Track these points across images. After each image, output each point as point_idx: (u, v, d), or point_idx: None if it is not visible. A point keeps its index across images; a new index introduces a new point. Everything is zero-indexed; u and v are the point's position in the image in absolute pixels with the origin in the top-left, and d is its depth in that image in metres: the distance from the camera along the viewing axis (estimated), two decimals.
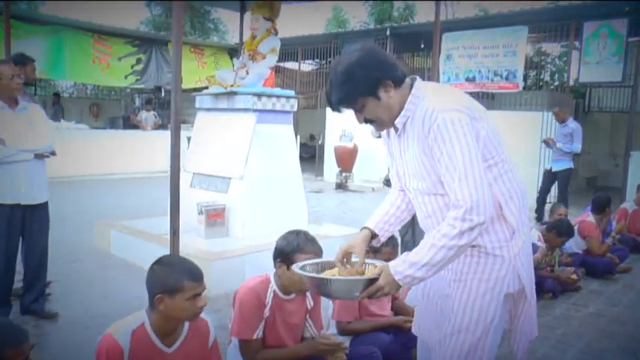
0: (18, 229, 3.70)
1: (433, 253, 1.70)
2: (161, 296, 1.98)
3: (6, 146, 3.54)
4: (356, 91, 1.77)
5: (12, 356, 1.71)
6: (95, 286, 4.66)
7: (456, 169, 1.68)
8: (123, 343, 1.93)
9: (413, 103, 1.80)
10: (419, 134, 1.78)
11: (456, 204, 1.69)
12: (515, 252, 1.82)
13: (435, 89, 1.85)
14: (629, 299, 4.82)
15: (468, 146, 1.68)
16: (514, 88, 10.15)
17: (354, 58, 1.78)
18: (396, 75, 1.79)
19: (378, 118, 1.84)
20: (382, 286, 1.75)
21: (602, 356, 3.54)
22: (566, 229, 4.75)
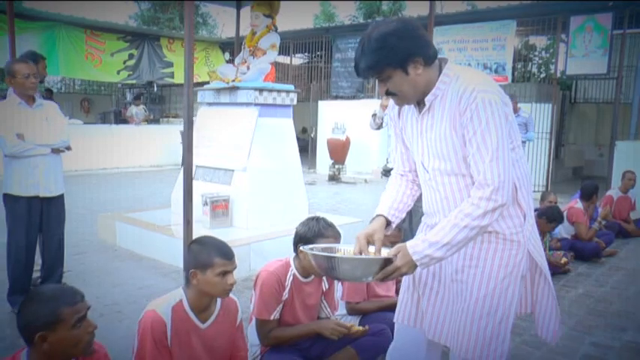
0: (37, 221, 3.86)
1: (455, 233, 1.70)
2: (194, 271, 2.17)
3: (24, 141, 3.69)
4: (386, 60, 1.75)
5: (68, 315, 1.77)
6: (105, 276, 4.82)
7: (488, 149, 1.69)
8: (165, 317, 2.12)
9: (444, 83, 1.80)
10: (452, 112, 1.77)
11: (482, 183, 1.70)
12: (528, 236, 1.86)
13: (469, 71, 1.85)
14: (615, 280, 5.09)
15: (502, 128, 1.70)
16: (503, 81, 10.40)
17: (391, 27, 1.75)
18: (427, 53, 1.77)
19: (401, 92, 1.82)
20: (399, 267, 1.75)
21: (591, 332, 3.79)
22: (556, 216, 4.99)
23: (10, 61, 3.83)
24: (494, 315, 1.83)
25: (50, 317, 1.75)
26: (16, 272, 3.83)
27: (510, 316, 1.86)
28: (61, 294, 1.82)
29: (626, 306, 4.37)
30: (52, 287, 1.93)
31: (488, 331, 1.83)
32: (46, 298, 1.79)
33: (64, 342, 1.77)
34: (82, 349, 1.83)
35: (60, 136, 3.88)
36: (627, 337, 3.72)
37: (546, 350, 3.45)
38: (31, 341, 1.76)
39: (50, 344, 1.75)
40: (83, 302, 1.85)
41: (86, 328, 1.82)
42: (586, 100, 14.10)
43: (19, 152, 3.69)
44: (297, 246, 2.69)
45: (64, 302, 1.78)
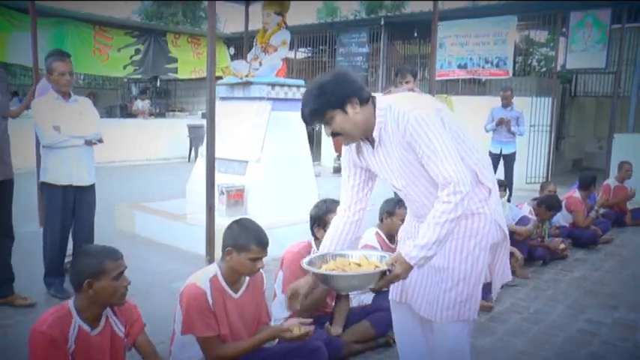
0: (70, 208, 4.12)
1: (439, 231, 1.90)
2: (231, 250, 2.45)
3: (60, 133, 3.96)
4: (327, 103, 1.99)
5: (110, 267, 2.14)
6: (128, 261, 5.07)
7: (436, 154, 1.91)
8: (205, 288, 2.41)
9: (381, 116, 2.04)
10: (396, 136, 2.01)
11: (444, 183, 1.91)
12: (494, 208, 2.11)
13: (397, 98, 2.10)
14: (609, 265, 5.38)
15: (439, 132, 1.92)
16: (504, 75, 10.65)
17: (329, 77, 2.04)
18: (362, 94, 2.02)
19: (344, 131, 2.04)
20: (399, 274, 1.94)
21: (585, 310, 4.08)
22: (555, 204, 5.27)
23: (49, 58, 4.09)
24: (469, 280, 2.09)
25: (97, 267, 2.13)
26: (52, 255, 4.11)
27: (481, 280, 2.13)
28: (107, 251, 2.21)
29: (618, 288, 4.66)
30: (99, 246, 2.29)
31: (464, 295, 2.09)
32: (95, 253, 2.20)
33: (105, 290, 2.14)
34: (118, 298, 2.20)
35: (93, 129, 4.14)
36: (618, 314, 4.01)
37: (544, 325, 3.75)
38: (80, 288, 2.13)
39: (94, 290, 2.12)
40: (122, 260, 2.23)
41: (122, 282, 2.19)
42: (586, 94, 14.33)
43: (55, 143, 3.96)
44: (313, 228, 2.98)
45: (108, 257, 2.17)
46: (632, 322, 3.85)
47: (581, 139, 14.13)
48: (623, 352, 3.37)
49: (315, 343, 2.67)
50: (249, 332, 2.59)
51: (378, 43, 12.58)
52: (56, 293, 4.05)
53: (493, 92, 11.36)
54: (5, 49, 11.27)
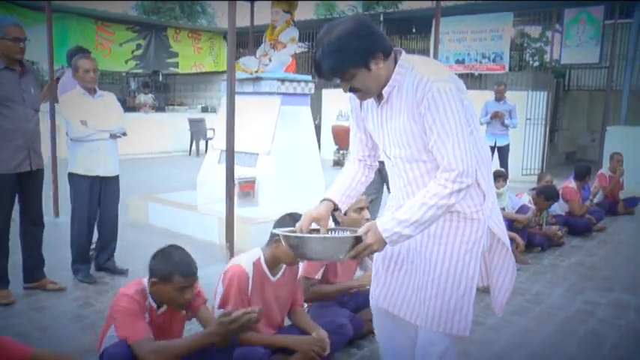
0: (96, 198, 4.34)
1: (423, 212, 1.75)
2: (279, 239, 2.66)
3: (87, 127, 4.18)
4: (348, 61, 1.77)
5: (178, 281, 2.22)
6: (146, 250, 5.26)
7: (449, 135, 1.73)
8: (248, 270, 2.65)
9: (400, 74, 1.83)
10: (409, 102, 1.80)
11: (447, 167, 1.75)
12: (488, 214, 1.94)
13: (423, 61, 1.89)
14: (604, 252, 5.67)
15: (458, 113, 1.74)
16: (501, 70, 10.92)
17: (348, 27, 1.76)
18: (386, 47, 1.81)
19: (365, 88, 1.85)
20: (370, 244, 1.78)
21: (582, 292, 4.35)
22: (553, 194, 5.54)
23: (74, 56, 4.30)
24: (457, 288, 1.92)
25: (165, 275, 2.27)
26: (79, 243, 4.32)
27: (473, 289, 1.95)
28: (183, 264, 2.29)
29: (612, 272, 4.94)
30: (181, 255, 2.34)
31: (452, 304, 1.92)
32: (171, 260, 2.29)
33: (166, 295, 2.30)
34: (175, 306, 2.35)
35: (117, 123, 4.36)
36: (613, 295, 4.29)
37: (545, 306, 4.01)
38: (150, 278, 2.32)
39: (157, 289, 2.31)
40: (193, 277, 2.30)
41: (184, 295, 2.29)
42: (579, 88, 14.64)
43: (82, 137, 4.17)
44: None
45: (179, 271, 2.28)
46: (625, 303, 4.13)
47: (575, 132, 14.43)
48: (618, 329, 3.64)
49: (341, 320, 2.94)
50: (282, 314, 2.86)
51: None
52: (83, 279, 4.27)
53: (489, 87, 11.63)
54: None
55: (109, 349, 2.13)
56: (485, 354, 3.19)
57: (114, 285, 4.27)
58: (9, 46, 3.59)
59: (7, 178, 3.70)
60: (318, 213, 2.00)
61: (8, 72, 3.62)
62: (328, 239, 1.88)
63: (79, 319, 3.59)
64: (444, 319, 1.93)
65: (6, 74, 3.61)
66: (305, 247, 1.84)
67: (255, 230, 5.22)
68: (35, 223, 4.00)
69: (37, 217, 4.00)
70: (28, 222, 3.96)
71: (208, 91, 16.88)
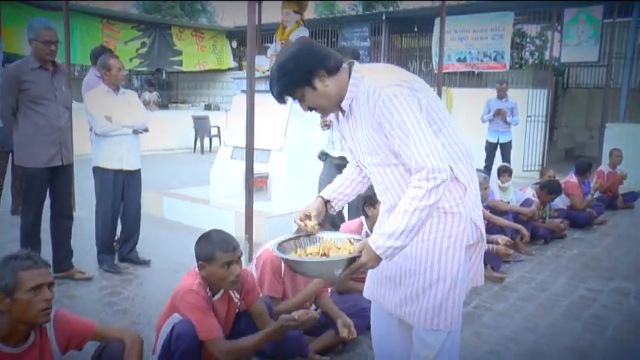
0: (120, 191, 4.52)
1: (407, 219, 1.74)
2: None
3: (111, 122, 4.36)
4: (292, 83, 1.86)
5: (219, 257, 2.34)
6: (165, 241, 5.51)
7: (408, 136, 1.75)
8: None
9: (354, 85, 1.88)
10: (365, 112, 1.85)
11: (417, 168, 1.75)
12: (470, 206, 1.93)
13: (372, 69, 1.94)
14: (604, 244, 5.88)
15: (413, 114, 1.76)
16: (502, 68, 11.12)
17: (288, 53, 1.88)
18: (328, 64, 1.86)
19: (318, 106, 1.93)
20: (365, 263, 1.80)
21: (585, 281, 4.56)
22: (556, 188, 5.76)
23: (105, 55, 4.49)
24: (442, 283, 1.92)
25: (208, 255, 2.40)
26: (103, 234, 4.51)
27: (458, 283, 1.93)
28: (221, 240, 2.41)
29: (613, 263, 5.15)
30: (219, 233, 2.46)
31: (438, 299, 1.92)
32: (210, 240, 2.43)
33: (215, 275, 2.41)
34: (227, 285, 2.44)
35: (139, 119, 4.54)
36: (614, 284, 4.50)
37: (550, 293, 4.23)
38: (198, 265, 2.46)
39: (206, 272, 2.42)
40: (234, 251, 2.40)
41: (233, 270, 2.40)
42: (578, 86, 14.85)
43: (107, 132, 4.36)
44: (364, 207, 3.40)
45: (220, 247, 2.40)
46: (626, 290, 4.34)
47: (574, 129, 14.65)
48: (620, 313, 3.86)
49: (363, 304, 3.12)
50: None
51: (379, 37, 13.00)
52: (109, 268, 4.47)
53: (489, 84, 11.84)
54: (19, 42, 11.55)
55: (178, 327, 2.28)
56: (496, 336, 3.39)
57: (138, 275, 4.47)
58: (41, 48, 3.78)
59: (40, 172, 3.90)
60: (307, 208, 2.13)
61: (42, 71, 3.81)
62: (324, 262, 1.90)
63: (110, 306, 3.78)
64: (431, 315, 1.93)
65: (40, 73, 3.80)
66: (302, 268, 1.93)
67: (270, 223, 5.43)
68: (65, 215, 4.19)
69: (66, 210, 4.20)
70: (58, 214, 4.15)
71: (211, 89, 17.06)
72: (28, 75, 3.75)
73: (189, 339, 2.27)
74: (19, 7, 11.61)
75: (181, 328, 2.29)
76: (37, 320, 1.93)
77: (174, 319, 2.39)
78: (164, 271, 4.56)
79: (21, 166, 3.92)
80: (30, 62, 3.81)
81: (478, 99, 9.66)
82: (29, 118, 3.80)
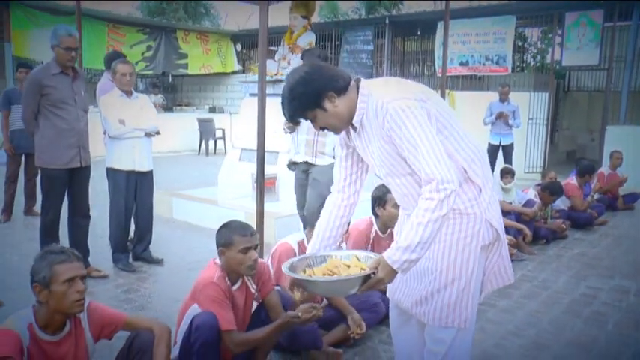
0: (132, 192, 4.66)
1: (422, 231, 1.79)
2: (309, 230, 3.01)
3: (124, 125, 4.51)
4: (301, 106, 1.93)
5: (237, 241, 2.49)
6: (176, 241, 5.65)
7: (417, 149, 1.80)
8: (294, 246, 2.99)
9: (363, 102, 1.94)
10: (376, 126, 1.91)
11: (427, 179, 1.81)
12: (485, 207, 1.97)
13: (378, 84, 1.99)
14: (605, 244, 6.02)
15: (421, 126, 1.81)
16: (504, 71, 11.27)
17: (297, 77, 1.93)
18: (336, 85, 1.92)
19: (329, 125, 1.98)
20: (382, 278, 1.85)
21: (586, 279, 4.69)
22: (557, 190, 5.90)
23: (116, 60, 4.64)
24: (457, 282, 1.99)
25: (226, 240, 2.55)
26: (117, 234, 4.66)
27: (472, 282, 2.00)
28: (238, 226, 2.60)
29: (613, 262, 5.28)
30: (237, 222, 2.66)
31: (452, 298, 1.99)
32: (229, 227, 2.61)
33: (233, 260, 2.55)
34: (245, 269, 2.57)
35: (151, 122, 4.70)
36: (614, 282, 4.64)
37: (552, 291, 4.36)
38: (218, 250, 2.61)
39: (225, 258, 2.57)
40: (252, 237, 2.55)
41: (250, 255, 2.54)
42: (578, 89, 14.99)
43: (120, 134, 4.51)
44: (374, 208, 3.53)
45: (237, 232, 2.56)
46: (626, 288, 4.47)
47: (574, 132, 14.77)
48: (620, 310, 3.99)
49: (375, 299, 3.27)
50: None
51: (383, 40, 13.15)
52: (124, 267, 4.61)
53: (491, 87, 11.99)
54: (27, 46, 11.75)
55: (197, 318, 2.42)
56: (500, 331, 3.53)
57: (152, 273, 4.61)
58: (62, 54, 3.93)
59: (60, 173, 4.05)
60: None
61: (63, 76, 3.97)
62: (340, 281, 1.89)
63: (127, 302, 3.92)
64: (445, 313, 2.00)
65: (61, 78, 3.95)
66: (318, 288, 1.97)
67: (279, 224, 5.58)
68: (82, 215, 4.33)
69: (84, 210, 4.34)
70: (76, 214, 4.30)
71: (216, 92, 17.21)
72: (50, 80, 3.90)
73: (208, 330, 2.40)
74: (28, 11, 11.78)
75: (201, 319, 2.42)
76: (72, 310, 2.07)
77: (193, 310, 2.53)
78: (178, 270, 4.70)
79: (41, 167, 4.06)
80: (51, 67, 3.96)
81: (480, 102, 9.80)
82: (50, 121, 3.95)
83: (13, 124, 6.28)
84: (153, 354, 2.16)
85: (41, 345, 2.05)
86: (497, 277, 2.15)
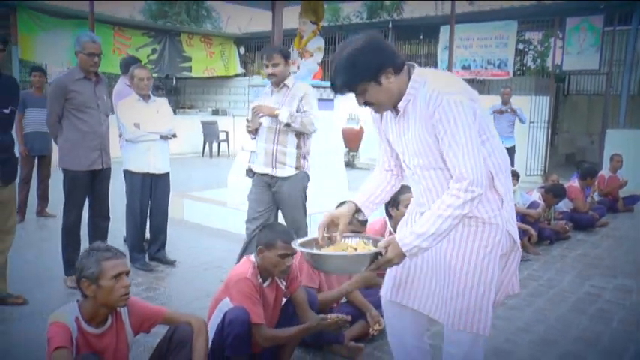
0: (148, 194, 4.79)
1: (440, 224, 1.83)
2: None
3: (140, 129, 4.64)
4: (359, 76, 1.87)
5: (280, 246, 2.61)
6: (188, 241, 5.78)
7: (459, 146, 1.82)
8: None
9: (414, 88, 1.92)
10: (422, 115, 1.88)
11: (459, 177, 1.83)
12: (507, 218, 2.00)
13: (436, 74, 1.97)
14: (606, 244, 6.18)
15: (469, 125, 1.82)
16: (505, 75, 11.45)
17: (359, 45, 1.87)
18: (396, 62, 1.90)
19: (377, 102, 1.95)
20: (391, 258, 1.88)
21: (589, 278, 4.84)
22: (560, 192, 6.06)
23: (132, 65, 4.78)
24: (476, 289, 1.99)
25: (270, 241, 2.67)
26: (134, 234, 4.78)
27: (491, 290, 2.01)
28: (282, 231, 2.73)
29: (615, 262, 5.44)
30: (282, 227, 2.82)
31: (472, 304, 2.00)
32: (274, 229, 2.74)
33: (270, 261, 2.68)
34: (277, 272, 2.72)
35: (167, 125, 4.83)
36: (617, 281, 4.79)
37: (557, 289, 4.51)
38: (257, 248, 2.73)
39: (262, 257, 2.70)
40: (287, 245, 2.59)
41: (286, 261, 2.69)
42: (578, 92, 15.18)
43: (135, 138, 4.64)
44: (388, 208, 3.67)
45: (281, 238, 2.67)
46: (628, 287, 4.62)
47: (574, 135, 14.95)
48: (623, 308, 4.13)
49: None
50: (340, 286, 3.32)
51: None
52: (141, 267, 4.73)
53: (492, 91, 12.14)
54: (34, 50, 11.86)
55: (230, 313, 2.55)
56: (510, 328, 3.67)
57: (169, 273, 4.74)
58: (85, 60, 4.07)
59: (83, 175, 4.17)
60: (339, 212, 2.14)
61: (86, 82, 4.10)
62: (349, 256, 1.94)
63: (149, 300, 4.02)
64: (465, 318, 2.01)
65: (84, 83, 4.09)
66: (326, 263, 1.97)
67: None
68: (103, 216, 4.45)
69: (104, 211, 4.46)
70: (97, 215, 4.42)
71: (219, 94, 17.34)
72: (74, 85, 4.03)
73: (240, 324, 2.53)
74: (34, 14, 11.90)
75: (234, 314, 2.55)
76: (118, 304, 2.21)
77: (224, 304, 2.67)
78: (193, 270, 4.82)
79: (64, 169, 4.19)
80: (75, 73, 4.10)
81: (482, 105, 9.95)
82: (74, 124, 4.08)
83: (27, 127, 6.41)
84: (192, 346, 2.29)
85: (87, 337, 2.18)
86: (507, 287, 2.18)
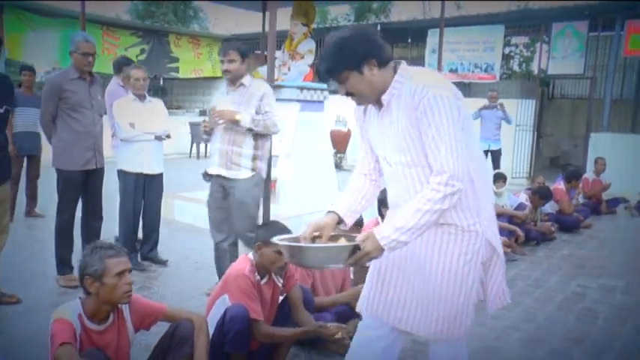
0: (140, 193, 4.79)
1: (419, 218, 1.82)
2: None
3: (134, 129, 4.65)
4: (343, 62, 1.88)
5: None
6: (179, 241, 5.80)
7: (442, 139, 1.80)
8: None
9: (399, 82, 1.93)
10: (407, 106, 1.87)
11: (440, 170, 1.82)
12: (485, 225, 1.99)
13: (422, 71, 1.98)
14: (591, 245, 6.32)
15: (453, 120, 1.81)
16: (491, 79, 11.61)
17: (347, 33, 1.90)
18: (381, 55, 1.90)
19: (358, 92, 1.95)
20: (369, 252, 1.86)
21: (575, 278, 4.96)
22: (547, 193, 6.19)
23: (126, 65, 4.79)
24: (457, 297, 1.99)
25: (266, 238, 2.64)
26: (126, 233, 4.78)
27: (471, 297, 2.03)
28: (281, 228, 2.70)
29: (600, 262, 5.57)
30: (280, 224, 2.81)
31: (453, 311, 2.00)
32: (272, 228, 2.73)
33: (267, 258, 2.73)
34: (275, 269, 2.77)
35: (162, 126, 4.84)
36: (602, 281, 4.91)
37: (544, 289, 4.61)
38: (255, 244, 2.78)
39: (260, 253, 2.75)
40: None
41: (284, 258, 2.65)
42: (562, 96, 15.42)
43: (129, 137, 4.65)
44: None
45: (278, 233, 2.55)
46: (613, 286, 4.74)
47: (558, 138, 15.17)
48: (608, 306, 4.25)
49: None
50: (336, 290, 3.40)
51: None
52: (133, 266, 4.59)
53: (477, 94, 12.30)
54: (21, 49, 11.76)
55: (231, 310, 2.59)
56: (500, 326, 3.75)
57: (161, 272, 4.76)
58: (80, 59, 4.08)
59: (76, 175, 4.18)
60: (324, 222, 2.09)
61: (80, 81, 4.11)
62: (327, 248, 1.95)
63: None
64: (447, 324, 2.01)
65: (78, 83, 4.10)
66: (305, 256, 1.94)
67: None
68: (96, 216, 4.46)
69: (97, 211, 4.47)
70: (90, 215, 4.43)
71: (206, 95, 17.31)
72: (68, 84, 4.04)
73: (241, 321, 2.58)
74: (21, 14, 11.80)
75: (234, 311, 2.60)
76: (121, 301, 2.24)
77: (222, 300, 2.71)
78: (185, 269, 4.85)
79: (58, 168, 4.19)
80: (70, 73, 4.10)
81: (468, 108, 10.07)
82: (67, 124, 4.09)
83: (16, 126, 6.37)
84: (194, 342, 2.33)
85: (89, 334, 2.21)
86: (497, 297, 2.15)
